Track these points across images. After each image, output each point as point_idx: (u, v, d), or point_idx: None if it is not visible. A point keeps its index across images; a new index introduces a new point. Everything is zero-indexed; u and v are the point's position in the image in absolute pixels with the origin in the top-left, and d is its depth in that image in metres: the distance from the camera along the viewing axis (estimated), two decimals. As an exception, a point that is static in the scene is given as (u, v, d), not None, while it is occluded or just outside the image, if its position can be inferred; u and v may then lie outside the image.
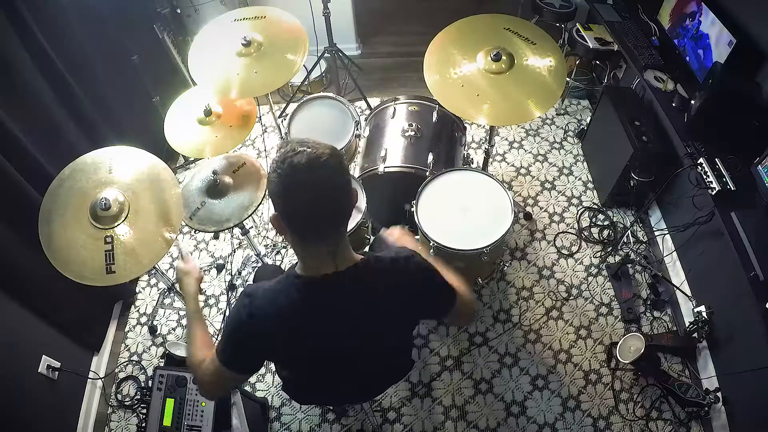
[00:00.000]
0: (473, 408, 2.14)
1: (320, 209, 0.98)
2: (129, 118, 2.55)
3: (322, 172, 0.95)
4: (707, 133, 1.92)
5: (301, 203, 0.96)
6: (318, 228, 1.01)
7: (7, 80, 1.82)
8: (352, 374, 1.32)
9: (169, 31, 2.65)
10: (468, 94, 1.84)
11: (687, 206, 2.18)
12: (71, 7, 2.12)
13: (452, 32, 1.96)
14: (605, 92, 2.58)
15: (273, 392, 2.20)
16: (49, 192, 1.63)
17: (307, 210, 0.97)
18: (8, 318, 1.80)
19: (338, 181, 0.98)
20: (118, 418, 2.16)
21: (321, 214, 0.99)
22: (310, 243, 1.03)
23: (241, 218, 1.96)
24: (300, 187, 0.94)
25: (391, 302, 1.11)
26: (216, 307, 2.46)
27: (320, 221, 1.00)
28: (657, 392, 2.11)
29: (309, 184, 0.94)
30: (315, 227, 1.01)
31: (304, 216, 0.98)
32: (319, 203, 0.97)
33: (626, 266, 2.46)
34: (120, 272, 1.57)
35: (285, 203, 0.97)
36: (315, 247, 1.03)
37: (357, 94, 3.13)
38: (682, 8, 2.16)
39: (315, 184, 0.95)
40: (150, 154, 1.74)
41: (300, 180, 0.94)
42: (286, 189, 0.95)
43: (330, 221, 1.01)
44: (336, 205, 1.00)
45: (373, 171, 2.13)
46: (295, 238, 1.03)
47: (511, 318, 2.37)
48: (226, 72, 1.95)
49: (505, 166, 2.92)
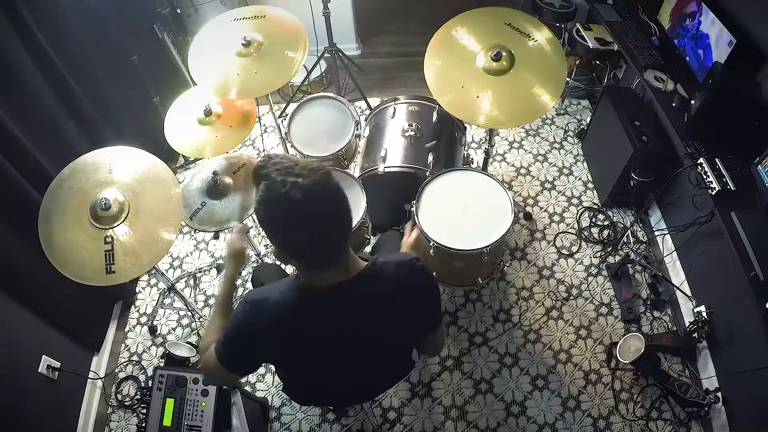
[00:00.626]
0: (473, 408, 2.14)
1: (325, 237, 0.95)
2: (129, 118, 2.55)
3: (320, 200, 0.90)
4: (707, 133, 1.92)
5: (303, 237, 0.93)
6: (330, 254, 0.99)
7: (7, 80, 1.82)
8: (353, 375, 1.32)
9: (169, 31, 2.65)
10: (468, 94, 1.83)
11: (687, 206, 2.18)
12: (71, 7, 2.12)
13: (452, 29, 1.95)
14: (605, 92, 2.58)
15: (273, 392, 2.20)
16: (49, 192, 1.64)
17: (312, 240, 0.94)
18: (8, 318, 1.80)
19: (337, 202, 0.95)
20: (118, 418, 2.16)
21: (327, 242, 0.96)
22: (319, 268, 1.01)
23: (241, 219, 1.97)
24: (301, 221, 0.90)
25: (395, 306, 1.11)
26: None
27: (331, 247, 0.98)
28: (657, 392, 2.11)
29: (311, 216, 0.90)
30: (326, 255, 0.98)
31: (316, 247, 0.95)
32: (324, 231, 0.94)
33: (626, 266, 2.46)
34: (120, 272, 1.58)
35: (285, 237, 0.94)
36: (324, 269, 1.01)
37: (357, 94, 3.13)
38: (682, 8, 2.16)
39: (318, 215, 0.91)
40: (150, 154, 1.74)
41: (300, 214, 0.89)
42: (286, 224, 0.91)
43: (336, 244, 0.99)
44: (340, 226, 0.97)
45: (373, 171, 2.13)
46: (302, 265, 1.01)
47: (511, 318, 2.37)
48: (226, 72, 1.95)
49: (505, 166, 2.92)
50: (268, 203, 0.91)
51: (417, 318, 1.19)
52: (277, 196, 0.89)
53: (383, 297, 1.09)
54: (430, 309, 1.20)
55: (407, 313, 1.14)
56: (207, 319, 2.40)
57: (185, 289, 2.51)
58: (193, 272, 2.56)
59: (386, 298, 1.09)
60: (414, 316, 1.17)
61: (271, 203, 0.90)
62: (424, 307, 1.18)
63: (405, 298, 1.11)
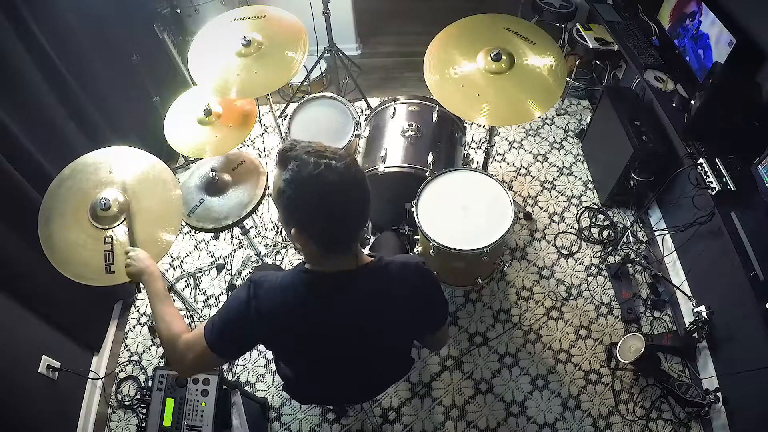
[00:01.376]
0: (473, 408, 2.14)
1: (349, 222, 0.96)
2: (129, 118, 2.55)
3: (352, 183, 0.92)
4: (707, 133, 1.92)
5: (329, 218, 0.93)
6: (350, 239, 1.00)
7: (7, 80, 1.82)
8: (353, 373, 1.33)
9: (169, 31, 2.65)
10: (468, 94, 1.84)
11: (687, 206, 2.18)
12: (71, 7, 2.12)
13: (452, 32, 1.97)
14: (605, 92, 2.58)
15: (273, 392, 2.20)
16: (49, 192, 1.63)
17: (336, 223, 0.94)
18: (8, 318, 1.80)
19: (365, 188, 0.96)
20: (118, 418, 2.16)
21: (349, 226, 0.97)
22: (336, 253, 1.01)
23: (239, 216, 1.96)
24: (331, 202, 0.91)
25: (398, 304, 1.11)
26: (216, 307, 2.46)
27: (353, 233, 0.99)
28: (657, 392, 2.11)
29: (341, 199, 0.91)
30: (347, 239, 0.99)
31: (340, 231, 0.96)
32: (350, 215, 0.95)
33: (626, 266, 2.46)
34: (120, 272, 1.57)
35: (312, 217, 0.94)
36: (338, 254, 1.02)
37: (357, 94, 3.13)
38: (682, 8, 2.16)
39: (347, 198, 0.92)
40: (150, 154, 1.74)
41: (330, 195, 0.90)
42: (316, 204, 0.91)
43: (356, 230, 1.00)
44: (364, 212, 0.98)
45: (373, 171, 2.13)
46: (320, 250, 1.01)
47: (511, 318, 2.37)
48: (226, 72, 1.95)
49: (505, 166, 2.92)
50: (297, 183, 0.91)
51: (418, 318, 1.19)
52: (308, 177, 0.89)
53: (386, 293, 1.09)
54: (432, 311, 1.20)
55: (408, 313, 1.15)
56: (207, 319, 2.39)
57: (185, 289, 2.51)
58: (193, 272, 2.56)
59: (389, 295, 1.09)
60: (415, 316, 1.17)
61: (302, 183, 0.91)
62: (427, 310, 1.18)
63: (407, 297, 1.11)
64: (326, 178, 0.89)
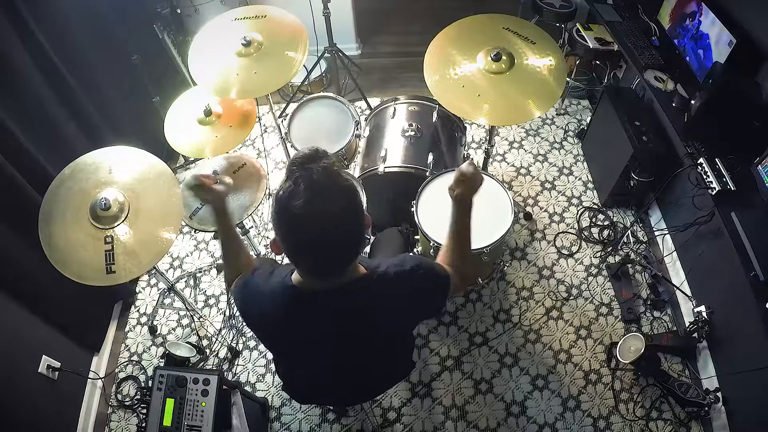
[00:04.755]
0: (473, 408, 2.14)
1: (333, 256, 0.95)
2: (129, 118, 2.55)
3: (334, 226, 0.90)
4: (707, 133, 1.92)
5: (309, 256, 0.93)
6: (329, 272, 0.98)
7: (7, 80, 1.82)
8: (352, 376, 1.32)
9: (169, 31, 2.65)
10: (468, 94, 1.84)
11: (687, 206, 2.18)
12: (71, 7, 2.12)
13: (452, 32, 1.96)
14: (605, 92, 2.58)
15: (273, 392, 2.20)
16: (49, 192, 1.64)
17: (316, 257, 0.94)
18: (8, 318, 1.80)
19: (350, 218, 0.93)
20: (118, 418, 2.16)
21: (333, 260, 0.96)
22: (317, 278, 1.00)
23: (240, 218, 1.97)
24: (312, 242, 0.90)
25: (394, 313, 1.10)
26: (216, 307, 2.46)
27: (332, 265, 0.97)
28: (657, 392, 2.11)
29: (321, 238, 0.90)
30: (326, 271, 0.98)
31: (313, 261, 0.95)
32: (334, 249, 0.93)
33: (626, 266, 2.46)
34: (120, 272, 1.58)
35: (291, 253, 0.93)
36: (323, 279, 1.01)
37: (357, 94, 3.13)
38: (682, 8, 2.16)
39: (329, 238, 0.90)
40: (150, 154, 1.74)
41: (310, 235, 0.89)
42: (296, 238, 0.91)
43: (340, 262, 0.98)
44: (351, 244, 0.96)
45: (373, 171, 2.13)
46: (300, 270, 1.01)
47: (511, 318, 2.37)
48: (226, 72, 1.95)
49: (505, 166, 2.92)
50: (277, 203, 0.91)
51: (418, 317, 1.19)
52: (281, 199, 0.89)
53: (379, 308, 1.07)
54: (434, 298, 1.17)
55: (406, 316, 1.14)
56: (207, 319, 2.40)
57: (185, 289, 2.51)
58: (193, 272, 2.56)
59: (383, 308, 1.08)
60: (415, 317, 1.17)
61: (278, 205, 0.91)
62: (429, 302, 1.17)
63: (403, 309, 1.10)
64: (294, 208, 0.85)
